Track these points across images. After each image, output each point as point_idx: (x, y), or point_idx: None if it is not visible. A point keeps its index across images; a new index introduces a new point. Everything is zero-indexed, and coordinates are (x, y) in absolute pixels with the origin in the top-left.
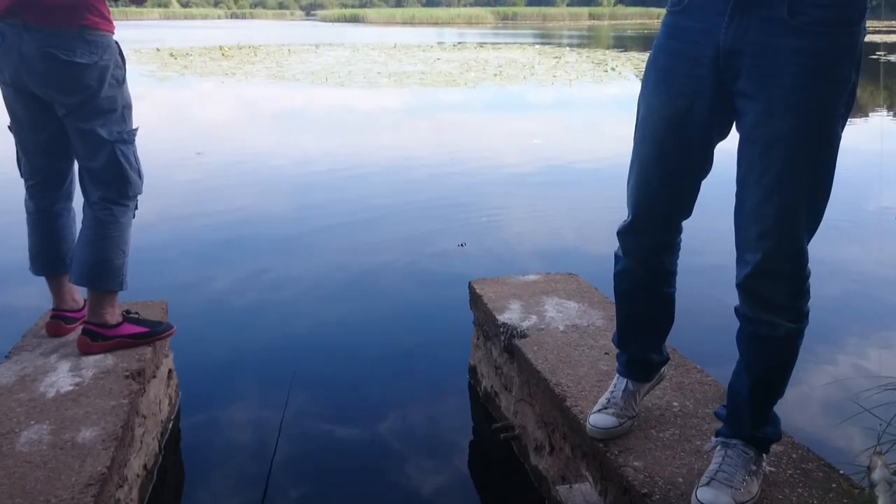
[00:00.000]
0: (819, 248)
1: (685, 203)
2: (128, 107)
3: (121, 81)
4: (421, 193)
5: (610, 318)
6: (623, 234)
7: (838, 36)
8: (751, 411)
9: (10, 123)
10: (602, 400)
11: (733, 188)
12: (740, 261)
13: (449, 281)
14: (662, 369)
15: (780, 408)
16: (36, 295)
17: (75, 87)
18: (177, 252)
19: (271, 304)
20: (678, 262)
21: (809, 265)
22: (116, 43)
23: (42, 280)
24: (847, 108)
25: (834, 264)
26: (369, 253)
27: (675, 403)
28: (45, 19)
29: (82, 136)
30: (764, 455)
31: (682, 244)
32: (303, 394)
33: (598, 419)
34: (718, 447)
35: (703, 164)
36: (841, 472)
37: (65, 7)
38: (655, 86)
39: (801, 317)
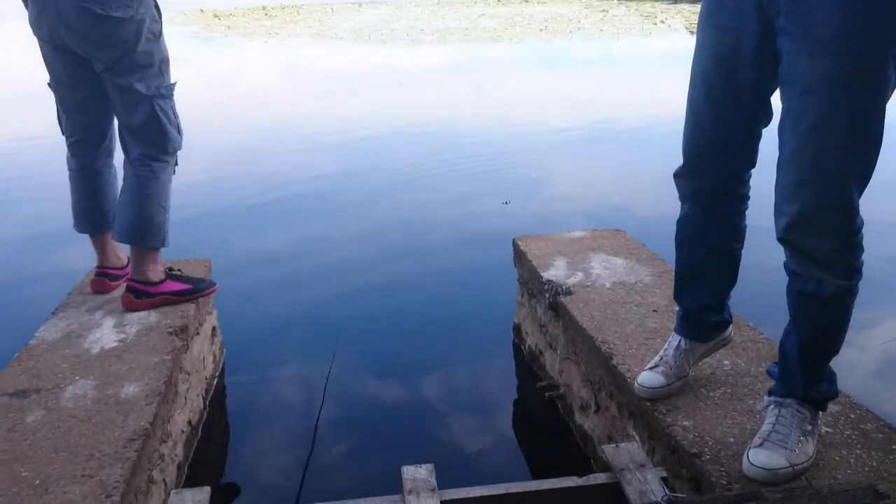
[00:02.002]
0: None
1: (741, 149)
2: (165, 61)
3: (157, 35)
4: (465, 152)
5: (658, 275)
6: (678, 176)
7: None
8: (803, 370)
9: (49, 81)
10: (655, 358)
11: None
12: (778, 212)
13: (493, 239)
14: (726, 332)
15: (836, 366)
16: (81, 253)
17: (112, 41)
18: (221, 211)
19: (315, 264)
20: (744, 216)
21: (862, 217)
22: None
23: (87, 238)
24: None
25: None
26: (413, 212)
27: (727, 362)
28: None
29: (120, 91)
30: (820, 414)
31: (749, 198)
32: (347, 353)
33: (645, 378)
34: (772, 406)
35: (757, 109)
36: None
37: None
38: (705, 21)
39: (852, 273)
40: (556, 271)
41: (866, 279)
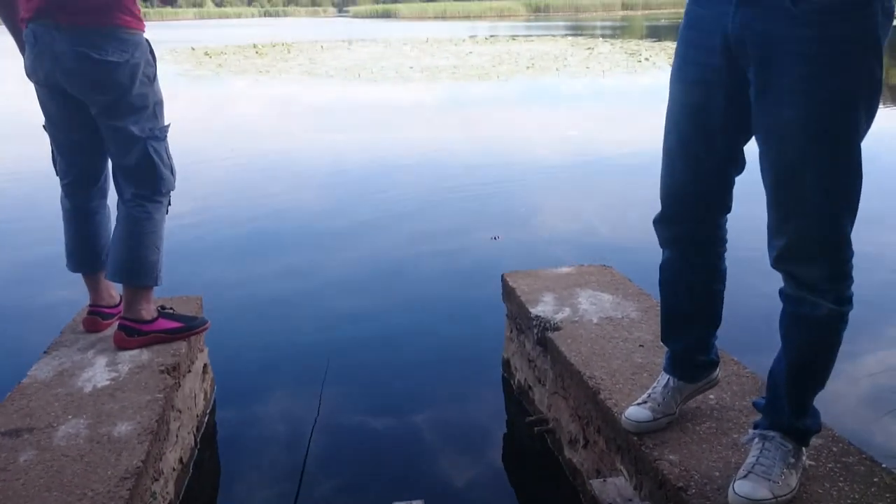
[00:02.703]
0: (863, 235)
1: (715, 196)
2: (159, 104)
3: (152, 79)
4: (454, 187)
5: (644, 310)
6: (657, 222)
7: (847, 22)
8: (790, 399)
9: (45, 123)
10: (643, 395)
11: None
12: (769, 244)
13: (482, 274)
14: (713, 374)
15: (820, 399)
16: (73, 291)
17: (107, 85)
18: (211, 247)
19: (305, 298)
20: (723, 259)
21: (853, 248)
22: (147, 41)
23: (79, 276)
24: (869, 94)
25: (879, 252)
26: (403, 246)
27: (712, 396)
28: (77, 19)
29: (115, 133)
30: (803, 448)
31: (726, 241)
32: (336, 387)
33: (633, 412)
34: (756, 439)
35: (729, 157)
36: (884, 465)
37: (96, 7)
38: (676, 74)
39: (844, 300)
40: (544, 307)
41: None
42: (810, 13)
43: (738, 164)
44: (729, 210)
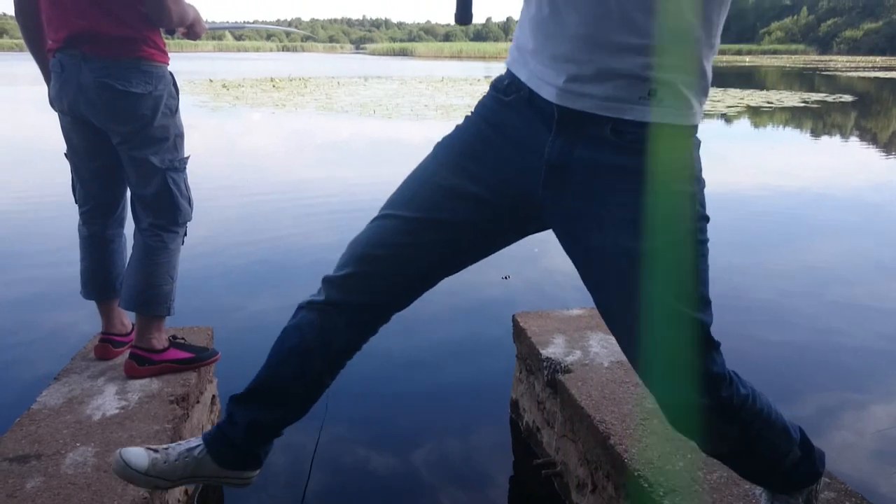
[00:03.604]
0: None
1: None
2: (180, 136)
3: (174, 111)
4: None
5: None
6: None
7: (668, 151)
8: (761, 484)
9: (66, 151)
10: (164, 445)
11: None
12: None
13: (491, 313)
14: (250, 474)
15: (830, 452)
16: (85, 317)
17: (130, 116)
18: (221, 278)
19: None
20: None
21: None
22: (171, 74)
23: (91, 304)
24: (695, 215)
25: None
26: None
27: None
28: (103, 50)
29: (135, 163)
30: (816, 485)
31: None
32: (338, 423)
33: (134, 453)
34: (765, 494)
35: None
36: None
37: (122, 39)
38: (457, 145)
39: (706, 390)
40: (555, 349)
41: (855, 366)
42: (632, 142)
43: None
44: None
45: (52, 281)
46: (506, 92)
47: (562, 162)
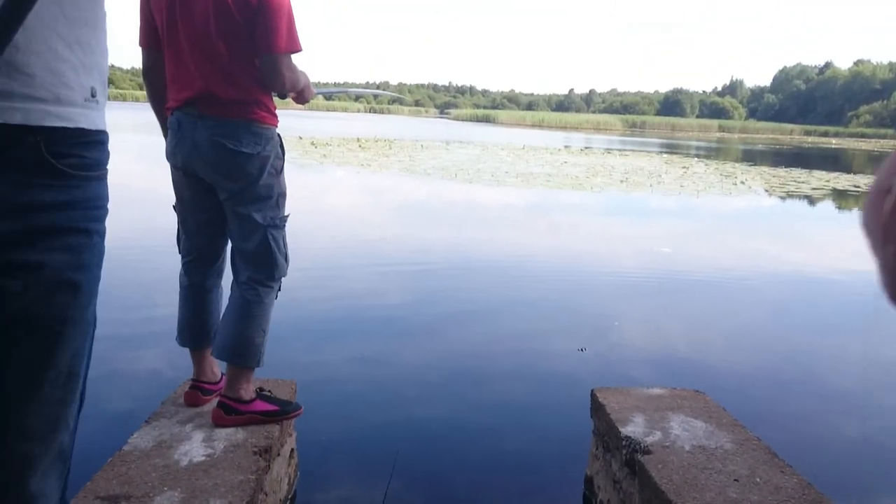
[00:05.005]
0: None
1: None
2: (283, 195)
3: (279, 171)
4: (542, 290)
5: (739, 443)
6: None
7: None
8: None
9: (175, 203)
10: None
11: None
12: None
13: (565, 385)
14: None
15: None
16: (177, 364)
17: (238, 174)
18: (301, 331)
19: (383, 391)
20: None
21: None
22: (278, 135)
23: (183, 351)
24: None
25: None
26: (485, 345)
27: None
28: (218, 110)
29: (239, 219)
30: None
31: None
32: (404, 480)
33: None
34: None
35: None
36: None
37: (237, 101)
38: None
39: None
40: (634, 427)
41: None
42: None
43: None
44: None
45: (149, 324)
46: None
47: None
